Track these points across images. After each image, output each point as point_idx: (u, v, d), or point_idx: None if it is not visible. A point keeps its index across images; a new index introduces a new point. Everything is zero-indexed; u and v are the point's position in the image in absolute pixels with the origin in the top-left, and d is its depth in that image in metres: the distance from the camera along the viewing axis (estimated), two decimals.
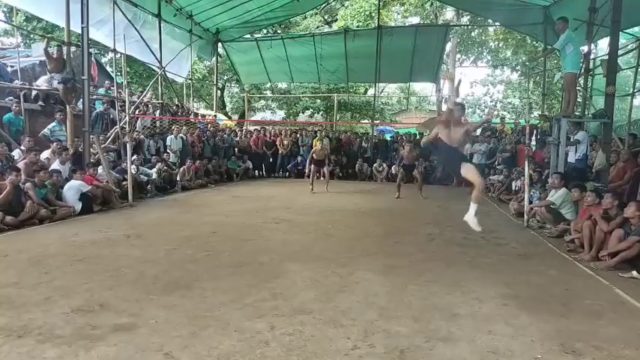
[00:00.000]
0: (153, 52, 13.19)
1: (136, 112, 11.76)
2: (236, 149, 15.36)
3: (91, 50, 10.28)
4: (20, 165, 7.14)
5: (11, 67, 10.83)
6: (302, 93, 25.53)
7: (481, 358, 2.76)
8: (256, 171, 15.66)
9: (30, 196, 6.60)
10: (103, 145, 9.37)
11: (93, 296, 3.59)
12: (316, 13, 24.51)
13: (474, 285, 4.15)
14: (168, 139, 12.14)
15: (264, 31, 21.56)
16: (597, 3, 9.68)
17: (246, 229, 6.55)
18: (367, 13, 21.30)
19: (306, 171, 12.09)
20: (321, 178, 11.95)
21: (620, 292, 4.09)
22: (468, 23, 24.30)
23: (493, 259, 5.21)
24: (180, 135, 12.45)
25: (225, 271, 4.42)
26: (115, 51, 11.73)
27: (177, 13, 13.82)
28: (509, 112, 27.79)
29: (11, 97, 9.23)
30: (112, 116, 11.19)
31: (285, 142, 15.78)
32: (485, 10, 15.95)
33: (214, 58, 18.95)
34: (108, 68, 18.03)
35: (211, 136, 14.49)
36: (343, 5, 24.13)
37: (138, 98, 12.55)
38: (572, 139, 8.13)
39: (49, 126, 9.20)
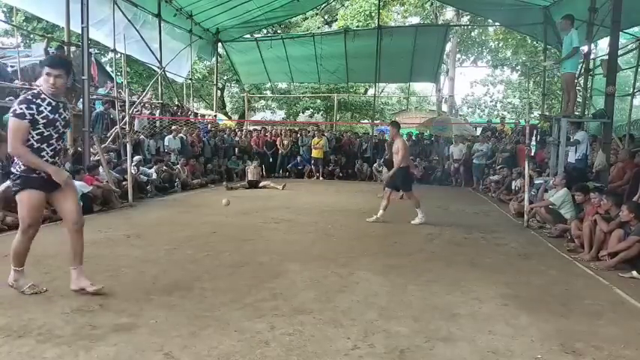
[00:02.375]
0: (153, 52, 13.18)
1: (134, 111, 11.76)
2: (236, 149, 15.36)
3: (91, 50, 10.29)
4: None
5: (11, 67, 10.83)
6: (302, 93, 25.52)
7: (481, 358, 2.76)
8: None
9: None
10: (103, 145, 9.37)
11: (93, 296, 3.58)
12: (317, 14, 24.49)
13: (474, 285, 4.14)
14: (166, 139, 12.15)
15: (264, 31, 21.55)
16: (597, 3, 9.69)
17: (246, 229, 6.55)
18: (367, 13, 21.30)
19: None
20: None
21: (620, 292, 4.09)
22: (468, 23, 24.31)
23: (493, 259, 5.21)
24: (180, 135, 12.46)
25: (225, 271, 4.42)
26: (115, 51, 11.73)
27: (177, 13, 13.82)
28: (509, 112, 27.80)
29: (11, 97, 9.22)
30: (112, 116, 11.19)
31: (285, 142, 15.80)
32: (486, 10, 15.96)
33: (214, 58, 18.95)
34: (108, 68, 18.02)
35: (212, 136, 14.49)
36: (343, 5, 24.11)
37: (138, 98, 12.54)
38: (572, 139, 8.13)
39: None
